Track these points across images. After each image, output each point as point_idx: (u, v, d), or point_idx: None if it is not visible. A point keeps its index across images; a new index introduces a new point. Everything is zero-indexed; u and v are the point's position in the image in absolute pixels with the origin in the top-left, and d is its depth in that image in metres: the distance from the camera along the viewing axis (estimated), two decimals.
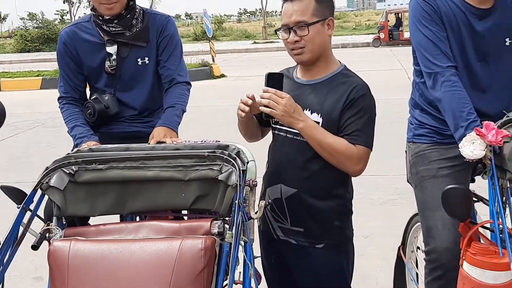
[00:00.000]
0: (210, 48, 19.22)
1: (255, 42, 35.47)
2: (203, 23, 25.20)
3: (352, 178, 2.48)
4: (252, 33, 44.23)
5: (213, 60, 18.57)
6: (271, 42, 33.52)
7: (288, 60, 2.46)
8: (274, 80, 2.28)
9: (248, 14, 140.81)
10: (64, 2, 44.17)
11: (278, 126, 2.46)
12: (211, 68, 17.38)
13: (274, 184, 2.45)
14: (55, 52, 3.06)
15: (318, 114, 2.34)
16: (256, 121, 2.52)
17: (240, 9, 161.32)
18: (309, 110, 2.33)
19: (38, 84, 17.13)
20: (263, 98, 2.23)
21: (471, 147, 1.90)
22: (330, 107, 2.33)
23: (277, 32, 2.41)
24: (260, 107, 2.24)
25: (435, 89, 2.36)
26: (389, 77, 14.83)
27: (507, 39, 2.41)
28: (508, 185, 1.90)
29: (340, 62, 2.47)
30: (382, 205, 5.41)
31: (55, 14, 65.93)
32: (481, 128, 1.92)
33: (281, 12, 2.38)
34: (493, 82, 2.44)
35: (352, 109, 2.31)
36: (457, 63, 2.40)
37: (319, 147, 2.29)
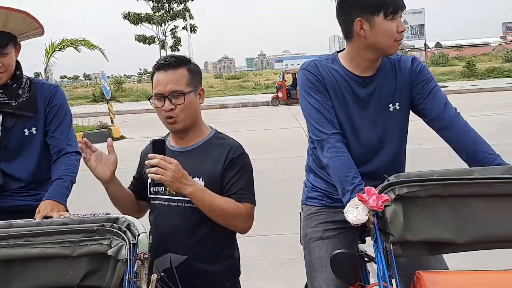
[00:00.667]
0: (109, 109, 18.99)
1: None
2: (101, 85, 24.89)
3: (251, 238, 2.51)
4: (151, 94, 44.04)
5: (112, 122, 18.35)
6: None
7: None
8: (159, 147, 2.32)
9: (148, 74, 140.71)
10: None
11: (158, 196, 2.49)
12: (110, 130, 17.13)
13: (162, 255, 2.44)
14: None
15: (199, 178, 2.41)
16: (129, 193, 2.57)
17: (140, 69, 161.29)
18: (189, 176, 2.36)
19: None
20: (151, 165, 2.25)
21: (355, 212, 1.96)
22: (210, 170, 2.42)
23: (150, 100, 2.49)
24: (149, 174, 2.26)
25: (322, 155, 2.45)
26: (287, 134, 15.21)
27: (390, 105, 2.53)
28: (392, 248, 1.97)
29: (211, 127, 2.60)
30: (283, 265, 5.42)
31: None
32: (363, 193, 1.99)
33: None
34: (380, 146, 2.55)
35: (233, 169, 2.42)
36: (345, 129, 2.50)
37: (209, 210, 2.34)
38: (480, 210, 2.01)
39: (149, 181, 2.53)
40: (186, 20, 34.22)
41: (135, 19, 34.46)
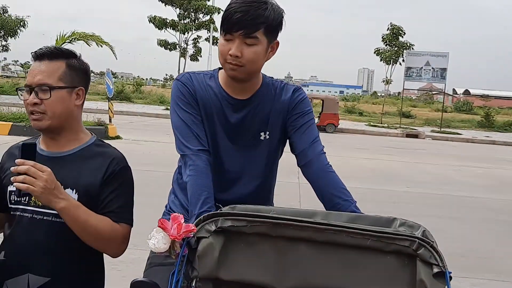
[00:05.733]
0: (109, 108, 18.94)
1: (167, 108, 35.41)
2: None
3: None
4: (168, 99, 44.27)
5: (110, 121, 18.23)
6: None
7: None
8: (29, 151, 1.96)
9: (173, 80, 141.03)
10: None
11: (20, 207, 2.13)
12: (106, 128, 16.90)
13: (19, 275, 2.09)
14: None
15: (72, 190, 2.09)
16: None
17: (166, 74, 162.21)
18: (61, 187, 2.04)
19: None
20: (18, 172, 1.90)
21: (155, 239, 1.77)
22: (87, 181, 2.12)
23: (18, 91, 2.19)
24: (15, 183, 1.90)
25: (184, 172, 2.26)
26: None
27: (261, 133, 2.35)
28: (195, 285, 1.76)
29: (92, 133, 2.31)
30: None
31: None
32: (169, 220, 1.80)
33: None
34: (244, 175, 2.37)
35: (113, 183, 2.14)
36: (210, 149, 2.32)
37: (81, 230, 2.04)
38: (306, 256, 1.81)
39: (9, 188, 2.14)
40: (209, 32, 34.27)
41: (160, 23, 34.35)
